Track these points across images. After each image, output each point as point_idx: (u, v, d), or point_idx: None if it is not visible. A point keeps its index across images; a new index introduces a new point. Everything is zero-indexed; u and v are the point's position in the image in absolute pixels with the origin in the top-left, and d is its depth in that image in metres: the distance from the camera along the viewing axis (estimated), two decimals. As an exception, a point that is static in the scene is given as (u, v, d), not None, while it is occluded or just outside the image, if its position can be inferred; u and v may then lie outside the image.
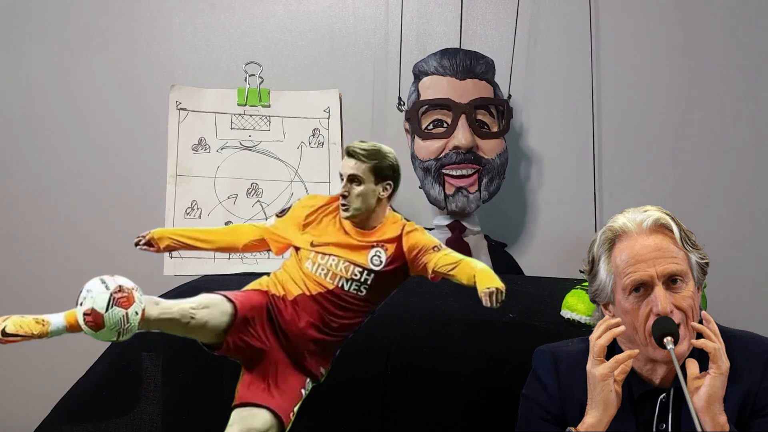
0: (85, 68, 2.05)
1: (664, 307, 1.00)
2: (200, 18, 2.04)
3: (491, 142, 1.75)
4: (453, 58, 1.75)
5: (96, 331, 1.01)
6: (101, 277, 1.03)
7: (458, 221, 1.79)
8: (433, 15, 1.97)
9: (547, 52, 2.00)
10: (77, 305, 1.02)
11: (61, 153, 2.07)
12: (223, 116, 1.64)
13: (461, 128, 1.70)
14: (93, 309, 1.00)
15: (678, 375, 0.96)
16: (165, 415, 1.26)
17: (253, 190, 1.61)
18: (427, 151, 1.74)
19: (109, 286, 1.02)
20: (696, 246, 1.06)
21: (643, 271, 1.01)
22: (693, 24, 1.97)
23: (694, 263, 1.05)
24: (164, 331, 1.09)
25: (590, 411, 1.01)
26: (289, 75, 1.96)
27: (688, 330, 1.02)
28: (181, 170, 1.60)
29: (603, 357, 1.01)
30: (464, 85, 1.73)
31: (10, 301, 2.11)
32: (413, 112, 1.76)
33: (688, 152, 1.98)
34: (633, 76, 2.00)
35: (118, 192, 2.06)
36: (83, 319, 1.01)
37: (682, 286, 1.03)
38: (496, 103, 1.77)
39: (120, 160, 2.06)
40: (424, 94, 1.76)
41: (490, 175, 1.75)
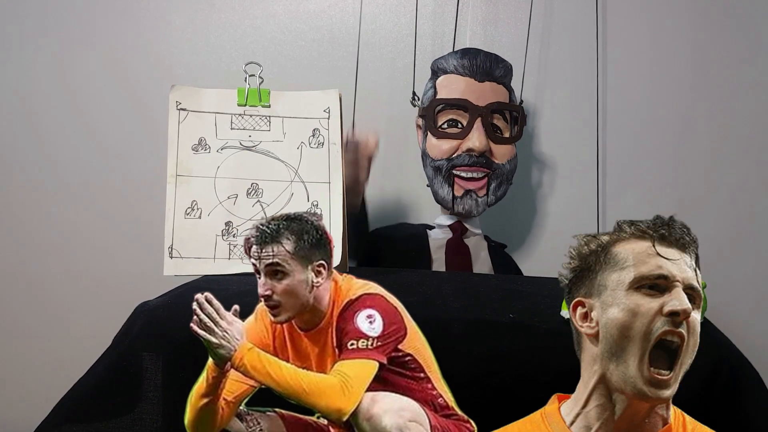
0: (85, 68, 2.05)
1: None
2: (200, 18, 2.04)
3: (503, 148, 1.75)
4: (474, 59, 1.74)
5: None
6: None
7: (460, 222, 1.79)
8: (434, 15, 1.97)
9: (554, 57, 1.99)
10: None
11: (60, 153, 2.07)
12: (223, 116, 1.64)
13: (476, 131, 1.69)
14: None
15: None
16: (165, 415, 1.26)
17: (253, 190, 1.61)
18: (439, 150, 1.73)
19: None
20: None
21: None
22: (705, 32, 1.96)
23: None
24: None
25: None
26: (289, 75, 1.97)
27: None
28: (181, 170, 1.60)
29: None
30: (482, 87, 1.72)
31: (11, 301, 2.11)
32: (429, 109, 1.75)
33: (692, 161, 1.98)
34: (639, 84, 1.99)
35: (118, 192, 2.06)
36: None
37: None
38: (512, 109, 1.77)
39: (120, 160, 2.06)
40: (441, 93, 1.75)
41: (499, 180, 1.75)
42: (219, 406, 1.09)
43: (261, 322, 1.15)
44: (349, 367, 1.01)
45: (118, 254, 2.07)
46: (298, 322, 1.09)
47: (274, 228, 1.06)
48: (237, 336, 1.01)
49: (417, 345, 1.11)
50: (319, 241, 1.07)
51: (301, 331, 1.10)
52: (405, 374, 1.08)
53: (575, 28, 1.97)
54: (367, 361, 1.02)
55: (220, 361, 1.03)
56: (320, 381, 1.00)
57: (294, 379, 0.99)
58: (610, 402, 0.85)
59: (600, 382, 0.85)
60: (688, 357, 0.85)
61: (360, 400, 0.99)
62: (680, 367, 0.84)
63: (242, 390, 1.10)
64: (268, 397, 1.08)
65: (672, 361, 0.83)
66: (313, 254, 1.06)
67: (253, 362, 1.00)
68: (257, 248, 1.06)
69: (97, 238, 2.07)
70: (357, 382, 1.00)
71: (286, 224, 1.07)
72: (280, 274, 1.04)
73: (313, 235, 1.06)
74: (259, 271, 1.07)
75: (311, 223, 1.08)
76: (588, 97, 1.96)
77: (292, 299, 1.05)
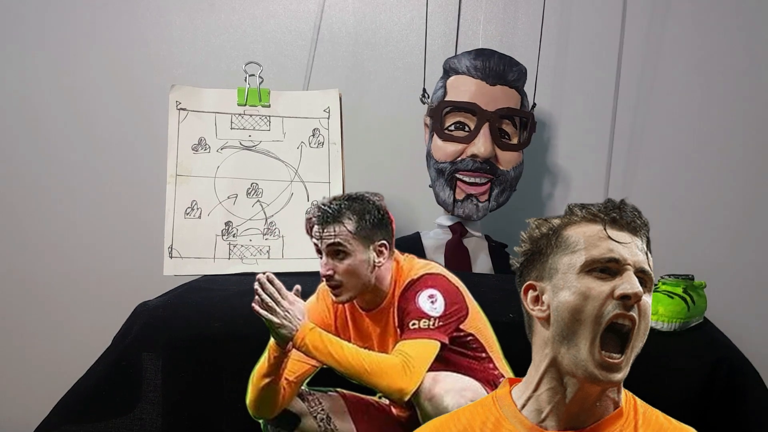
0: (85, 68, 2.05)
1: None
2: (200, 18, 2.04)
3: (510, 154, 1.71)
4: (487, 62, 1.69)
5: None
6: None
7: (460, 224, 1.79)
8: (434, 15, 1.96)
9: (571, 61, 1.97)
10: None
11: (60, 153, 2.07)
12: (223, 116, 1.64)
13: (482, 137, 1.66)
14: None
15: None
16: (165, 415, 1.26)
17: (253, 190, 1.61)
18: (444, 153, 1.70)
19: None
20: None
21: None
22: (726, 40, 1.93)
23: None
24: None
25: None
26: (289, 75, 1.96)
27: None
28: (181, 170, 1.60)
29: None
30: (493, 91, 1.68)
31: (11, 301, 2.11)
32: (437, 110, 1.71)
33: (701, 169, 1.96)
34: (654, 95, 1.96)
35: (118, 192, 2.06)
36: None
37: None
38: (522, 115, 1.72)
39: (120, 160, 2.06)
40: (450, 94, 1.71)
41: (502, 186, 1.72)
42: (280, 386, 1.07)
43: (323, 302, 1.14)
44: (410, 346, 1.01)
45: (118, 254, 2.07)
46: (360, 302, 1.08)
47: (335, 208, 1.05)
48: (299, 316, 1.00)
49: (479, 325, 1.10)
50: (380, 220, 1.06)
51: (363, 311, 1.09)
52: (467, 354, 1.07)
53: (595, 30, 1.93)
54: (429, 341, 1.01)
55: (281, 341, 1.01)
56: (382, 361, 1.00)
57: (356, 358, 0.99)
58: (561, 385, 0.84)
59: (551, 366, 0.84)
60: (639, 340, 0.84)
61: (422, 380, 0.99)
62: (631, 350, 0.83)
63: (304, 370, 1.10)
64: (330, 377, 1.07)
65: (623, 344, 0.82)
66: (375, 234, 1.05)
67: (314, 342, 0.99)
68: (319, 228, 1.05)
69: (97, 238, 2.07)
70: (419, 362, 0.99)
71: (348, 204, 1.06)
72: (342, 254, 1.03)
73: (374, 214, 1.05)
74: (320, 251, 1.06)
75: (373, 202, 1.07)
76: (603, 105, 1.92)
77: (354, 279, 1.05)
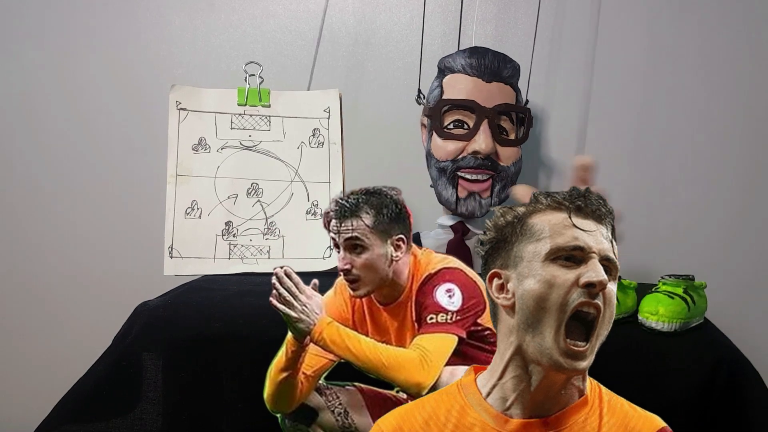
0: (85, 68, 2.05)
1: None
2: (200, 18, 2.04)
3: (509, 150, 1.72)
4: (482, 59, 1.71)
5: None
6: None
7: (462, 223, 1.79)
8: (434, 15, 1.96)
9: (562, 58, 1.97)
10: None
11: (60, 153, 2.07)
12: (223, 116, 1.64)
13: (483, 133, 1.67)
14: None
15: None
16: (165, 415, 1.26)
17: (253, 190, 1.61)
18: (444, 152, 1.71)
19: None
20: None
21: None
22: (714, 34, 1.93)
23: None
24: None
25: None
26: (289, 75, 1.96)
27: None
28: (181, 170, 1.60)
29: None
30: (490, 88, 1.69)
31: (10, 301, 2.11)
32: (435, 109, 1.72)
33: (695, 165, 1.96)
34: (654, 94, 1.96)
35: (118, 192, 2.06)
36: None
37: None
38: (519, 111, 1.74)
39: (120, 160, 2.05)
40: (447, 92, 1.72)
41: (503, 182, 1.72)
42: (298, 380, 1.07)
43: (340, 297, 1.14)
44: (428, 341, 1.00)
45: (118, 254, 2.07)
46: (378, 296, 1.08)
47: (353, 202, 1.05)
48: (316, 310, 1.00)
49: None
50: (398, 215, 1.06)
51: (381, 305, 1.08)
52: (484, 348, 1.07)
53: (582, 28, 1.94)
54: (447, 335, 1.01)
55: (299, 335, 1.01)
56: (399, 355, 0.99)
57: (373, 352, 0.99)
58: (526, 373, 0.84)
59: (516, 354, 0.84)
60: (604, 328, 0.84)
61: (439, 374, 0.99)
62: (596, 338, 0.83)
63: (321, 364, 1.10)
64: (348, 371, 1.08)
65: (588, 332, 0.82)
66: (393, 228, 1.05)
67: (332, 336, 0.99)
68: (336, 222, 1.05)
69: (97, 238, 2.07)
70: (436, 356, 0.99)
71: (366, 198, 1.06)
72: (360, 248, 1.03)
73: (392, 209, 1.05)
74: (338, 245, 1.06)
75: (390, 197, 1.07)
76: (583, 96, 1.93)
77: (372, 273, 1.04)
